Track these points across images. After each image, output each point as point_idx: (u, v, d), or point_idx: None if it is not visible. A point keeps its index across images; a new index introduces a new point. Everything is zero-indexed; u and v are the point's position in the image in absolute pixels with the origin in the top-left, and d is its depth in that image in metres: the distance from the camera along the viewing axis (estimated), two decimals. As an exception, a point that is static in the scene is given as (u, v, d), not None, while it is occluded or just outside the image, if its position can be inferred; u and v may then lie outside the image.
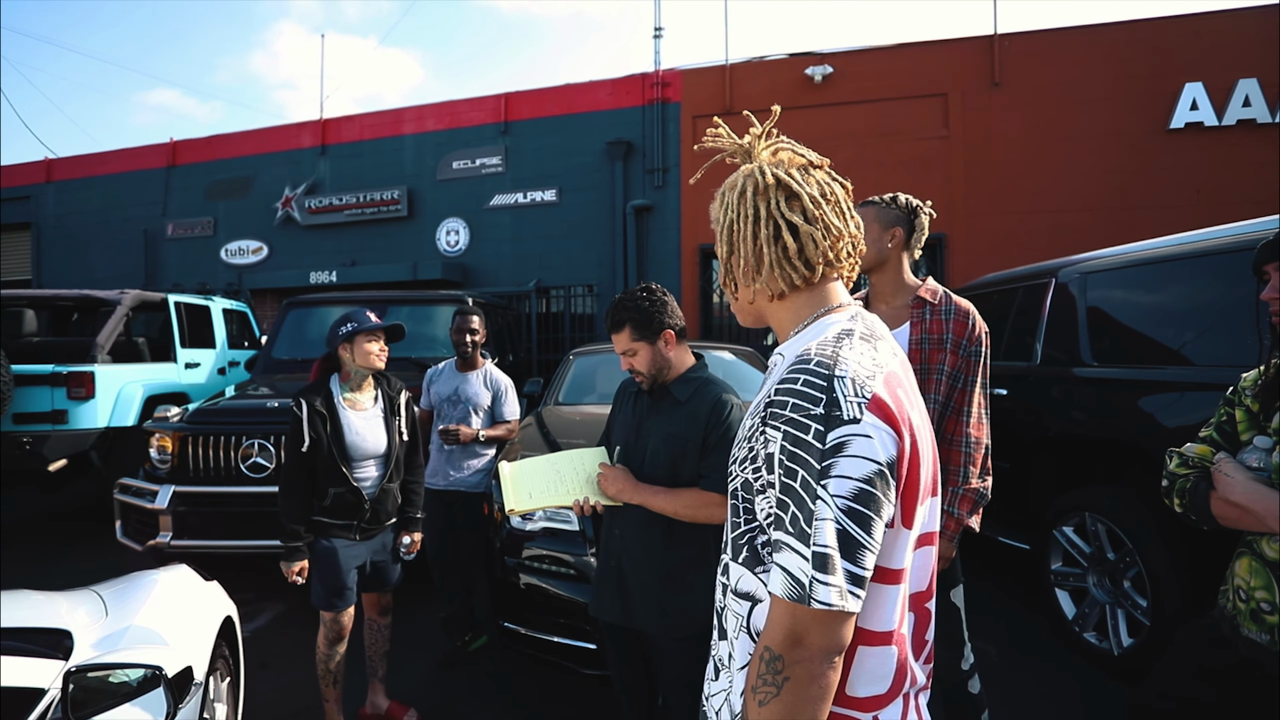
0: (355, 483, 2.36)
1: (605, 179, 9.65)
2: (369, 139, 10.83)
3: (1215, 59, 7.88)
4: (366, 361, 2.39)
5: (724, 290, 1.01)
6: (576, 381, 4.59)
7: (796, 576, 0.74)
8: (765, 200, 0.91)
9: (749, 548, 0.87)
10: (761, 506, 0.83)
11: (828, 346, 0.82)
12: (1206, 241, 2.90)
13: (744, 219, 0.92)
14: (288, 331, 5.33)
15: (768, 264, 0.91)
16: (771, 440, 0.79)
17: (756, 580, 0.85)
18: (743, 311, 1.01)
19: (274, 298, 10.85)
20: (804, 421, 0.76)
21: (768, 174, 0.92)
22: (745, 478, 0.86)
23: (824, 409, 0.75)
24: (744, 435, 0.88)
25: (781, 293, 0.93)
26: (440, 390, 3.27)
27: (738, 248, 0.93)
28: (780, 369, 0.87)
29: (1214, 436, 1.46)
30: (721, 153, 1.03)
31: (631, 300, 1.83)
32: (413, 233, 10.49)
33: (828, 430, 0.75)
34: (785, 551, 0.76)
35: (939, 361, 1.86)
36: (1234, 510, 1.31)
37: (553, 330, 9.89)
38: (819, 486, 0.74)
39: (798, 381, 0.79)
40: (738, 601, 0.88)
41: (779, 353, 0.94)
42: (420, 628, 3.47)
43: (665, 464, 1.81)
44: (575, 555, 2.62)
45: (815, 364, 0.79)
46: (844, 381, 0.77)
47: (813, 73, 8.79)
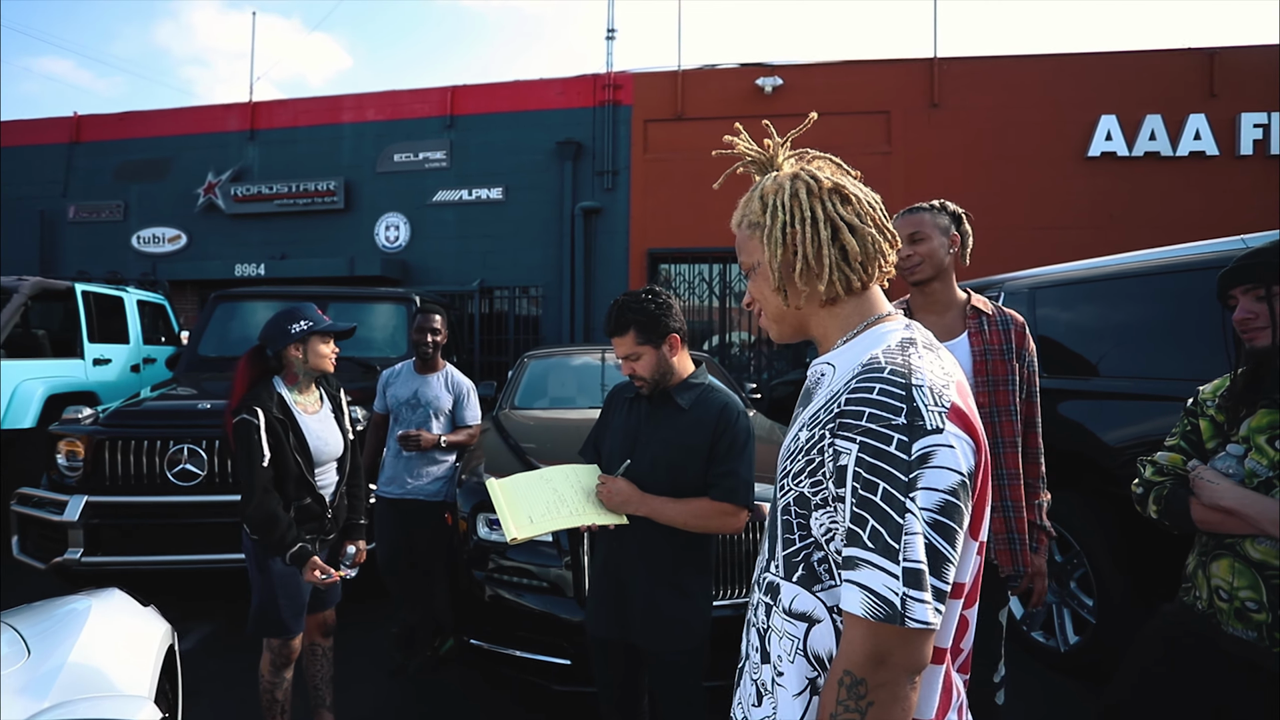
0: (319, 491, 2.18)
1: (554, 179, 9.49)
2: (303, 125, 10.27)
3: (1127, 94, 8.50)
4: (318, 364, 2.20)
5: (755, 298, 0.98)
6: (531, 385, 4.46)
7: (883, 595, 0.70)
8: (820, 202, 0.90)
9: (805, 565, 0.83)
10: (821, 522, 0.81)
11: (896, 355, 0.80)
12: (1150, 261, 3.07)
13: (801, 220, 0.89)
14: (215, 327, 4.94)
15: (828, 267, 0.88)
16: (844, 452, 0.76)
17: (815, 600, 0.81)
18: (781, 320, 0.96)
19: (194, 290, 10.12)
20: (884, 432, 0.73)
21: (821, 178, 0.91)
22: (800, 492, 0.83)
23: (906, 419, 0.73)
24: (798, 448, 0.84)
25: (834, 298, 0.90)
26: (398, 393, 3.07)
27: (796, 250, 0.89)
28: (839, 379, 0.83)
29: (1182, 445, 1.55)
30: (741, 160, 1.02)
31: (636, 303, 1.75)
32: (349, 226, 10.00)
33: (912, 441, 0.72)
34: (865, 569, 0.72)
35: (1006, 373, 1.82)
36: (1217, 515, 1.39)
37: (496, 332, 9.64)
38: (907, 499, 0.71)
39: (873, 391, 0.76)
40: (791, 622, 0.84)
41: (827, 363, 0.90)
42: (371, 645, 3.25)
43: (666, 473, 1.74)
44: (548, 567, 2.50)
45: (890, 372, 0.77)
46: (922, 390, 0.75)
47: (763, 83, 8.94)
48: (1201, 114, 8.30)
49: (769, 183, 0.94)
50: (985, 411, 1.81)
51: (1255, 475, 1.38)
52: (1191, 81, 8.41)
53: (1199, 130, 8.31)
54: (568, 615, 2.41)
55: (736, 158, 1.03)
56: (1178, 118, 8.38)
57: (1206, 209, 8.06)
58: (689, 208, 9.15)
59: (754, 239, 0.94)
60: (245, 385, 2.16)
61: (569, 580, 2.45)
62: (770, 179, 0.94)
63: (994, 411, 1.81)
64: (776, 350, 9.43)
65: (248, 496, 2.04)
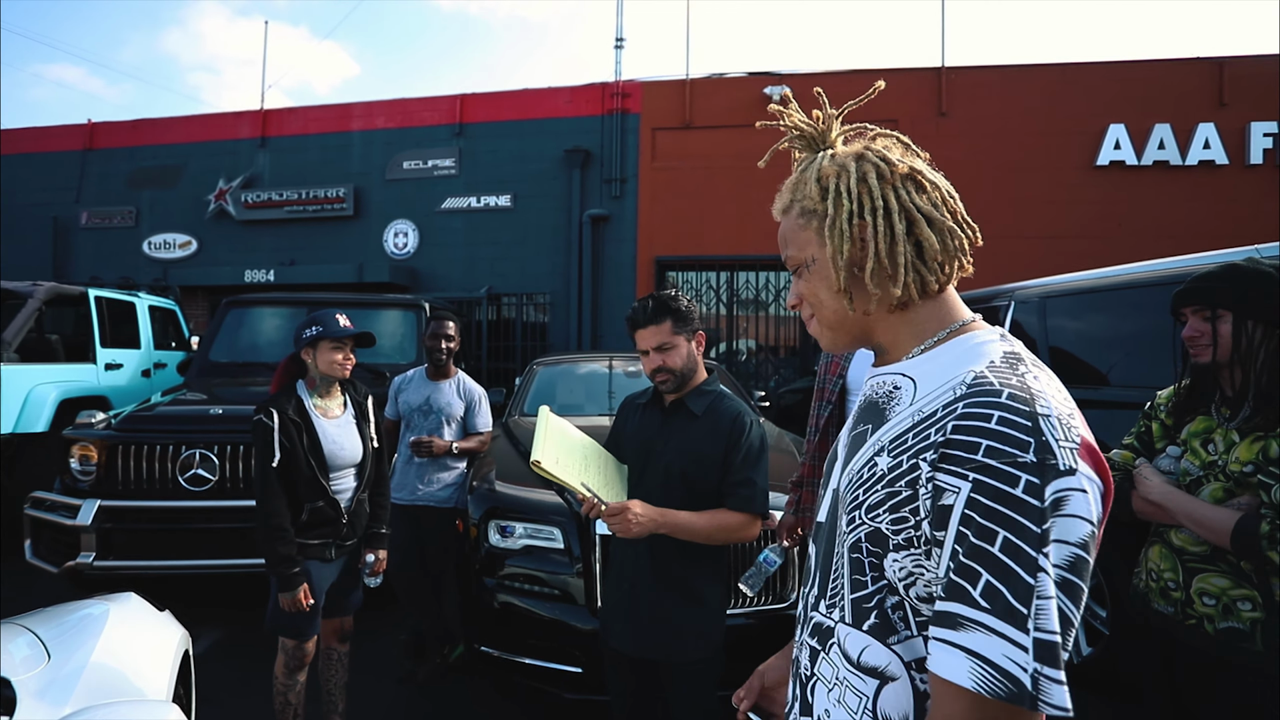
0: (334, 495, 2.19)
1: (562, 187, 9.53)
2: (313, 133, 10.35)
3: (1136, 103, 8.49)
4: (329, 370, 2.22)
5: (806, 299, 0.83)
6: (540, 392, 4.48)
7: (1004, 668, 0.58)
8: (893, 189, 0.77)
9: (879, 613, 0.71)
10: (901, 565, 0.69)
11: (1008, 375, 0.67)
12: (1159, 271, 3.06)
13: (872, 211, 0.76)
14: (226, 333, 4.97)
15: (903, 266, 0.75)
16: (949, 490, 0.63)
17: (890, 654, 0.70)
18: (839, 327, 0.82)
19: (204, 295, 10.19)
20: (1009, 472, 0.61)
21: (893, 160, 0.78)
22: (877, 528, 0.70)
23: (1035, 455, 0.61)
24: (875, 476, 0.71)
25: (907, 303, 0.77)
26: (410, 399, 3.08)
27: (868, 244, 0.76)
28: (928, 397, 0.71)
29: (1134, 444, 1.75)
30: (787, 135, 0.87)
31: (668, 296, 1.77)
32: (358, 233, 10.07)
33: (1044, 483, 0.60)
34: (976, 632, 0.60)
35: None
36: (1151, 507, 1.60)
37: (504, 338, 9.66)
38: (1039, 555, 0.59)
39: (990, 419, 0.63)
40: (859, 678, 0.72)
41: (901, 374, 0.77)
42: (380, 651, 3.25)
43: (680, 481, 1.74)
44: (559, 574, 2.50)
45: (1009, 397, 0.64)
46: (1050, 421, 0.63)
47: (771, 92, 8.97)
48: (1211, 123, 8.28)
49: (826, 163, 0.79)
50: None
51: (1188, 474, 1.58)
52: (1201, 91, 8.40)
53: (1208, 139, 8.30)
54: (579, 623, 2.41)
55: (771, 136, 0.87)
56: (1187, 127, 8.36)
57: (1216, 219, 8.03)
58: (697, 215, 9.17)
59: (808, 230, 0.80)
60: (276, 388, 2.24)
61: (580, 588, 2.45)
62: (826, 158, 0.80)
63: None
64: (783, 358, 9.42)
65: (257, 497, 2.11)
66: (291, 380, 2.26)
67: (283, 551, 2.07)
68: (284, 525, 2.08)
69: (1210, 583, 1.52)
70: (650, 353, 1.74)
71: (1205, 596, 1.52)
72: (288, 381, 2.26)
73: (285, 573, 2.06)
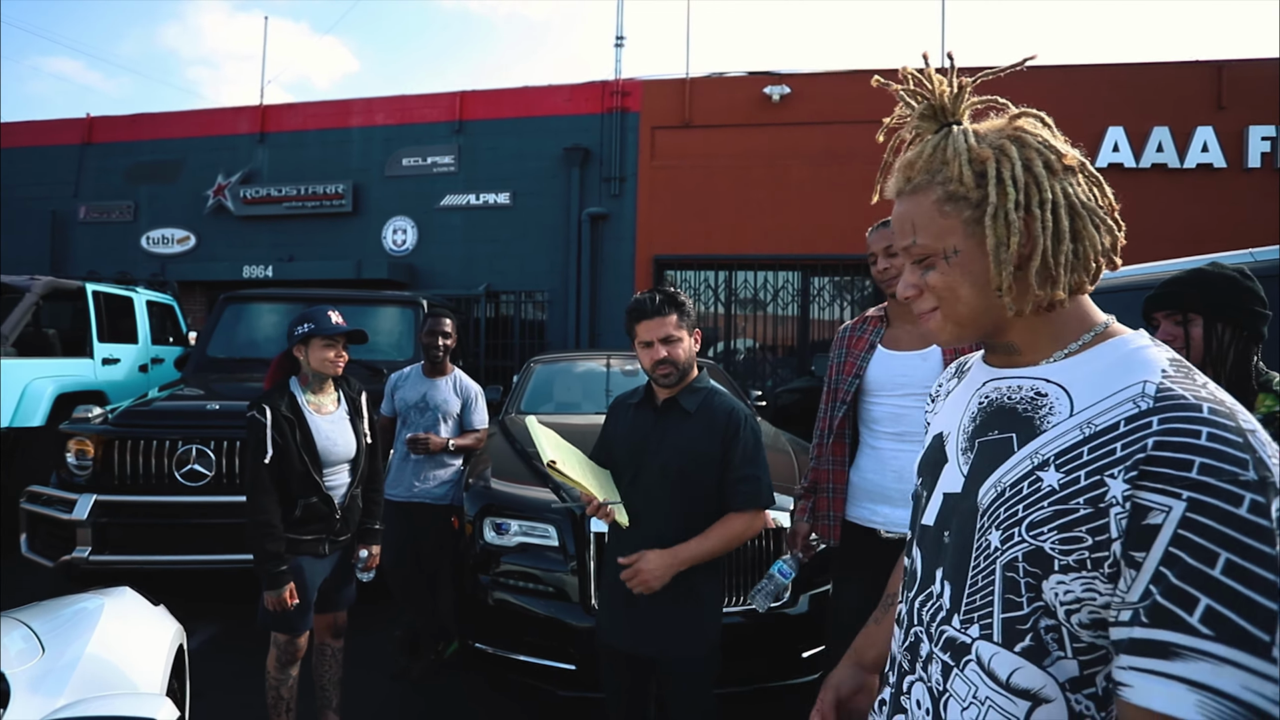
0: (327, 491, 2.20)
1: (561, 185, 9.53)
2: (312, 129, 10.33)
3: (1135, 106, 8.50)
4: (322, 367, 2.23)
5: (934, 290, 0.77)
6: (537, 390, 4.48)
7: (1250, 702, 0.54)
8: (1059, 181, 0.72)
9: (1033, 635, 0.67)
10: (1068, 588, 0.64)
11: (1193, 386, 0.64)
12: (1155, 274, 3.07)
13: (1041, 204, 0.71)
14: (224, 329, 4.97)
15: (1064, 264, 0.71)
16: (1156, 509, 0.59)
17: (1045, 676, 0.67)
18: (971, 323, 0.77)
19: (202, 291, 10.18)
20: (1230, 490, 0.57)
21: (1060, 149, 0.73)
22: (1039, 548, 0.66)
23: (1255, 473, 0.57)
24: (1040, 493, 0.67)
25: (1056, 302, 0.72)
26: (407, 396, 3.09)
27: (1036, 240, 0.71)
28: (1094, 408, 0.67)
29: None
30: (907, 114, 0.82)
31: (672, 290, 1.80)
32: (357, 229, 10.05)
33: (1268, 502, 0.56)
34: (1199, 661, 0.55)
35: None
36: None
37: (502, 336, 9.66)
38: (1277, 578, 0.55)
39: (1199, 435, 0.59)
40: (1009, 699, 0.68)
41: (1048, 380, 0.72)
42: (374, 647, 3.26)
43: (678, 480, 1.75)
44: (554, 572, 2.51)
45: (1210, 411, 0.61)
46: (1258, 437, 0.60)
47: (771, 92, 8.96)
48: (1209, 126, 8.29)
49: (974, 142, 0.73)
50: None
51: None
52: (1199, 94, 8.41)
53: (1206, 143, 8.30)
54: (573, 620, 2.42)
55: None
56: (1185, 130, 8.37)
57: (1214, 222, 8.04)
58: (696, 215, 9.17)
59: (951, 217, 0.73)
60: (269, 384, 2.25)
61: (574, 585, 2.46)
62: (970, 136, 0.74)
63: None
64: (781, 358, 9.43)
65: (247, 493, 2.11)
66: (285, 377, 2.27)
67: (270, 549, 2.07)
68: (272, 522, 2.09)
69: None
70: (655, 344, 1.75)
71: None
72: (281, 378, 2.26)
73: (271, 570, 2.07)
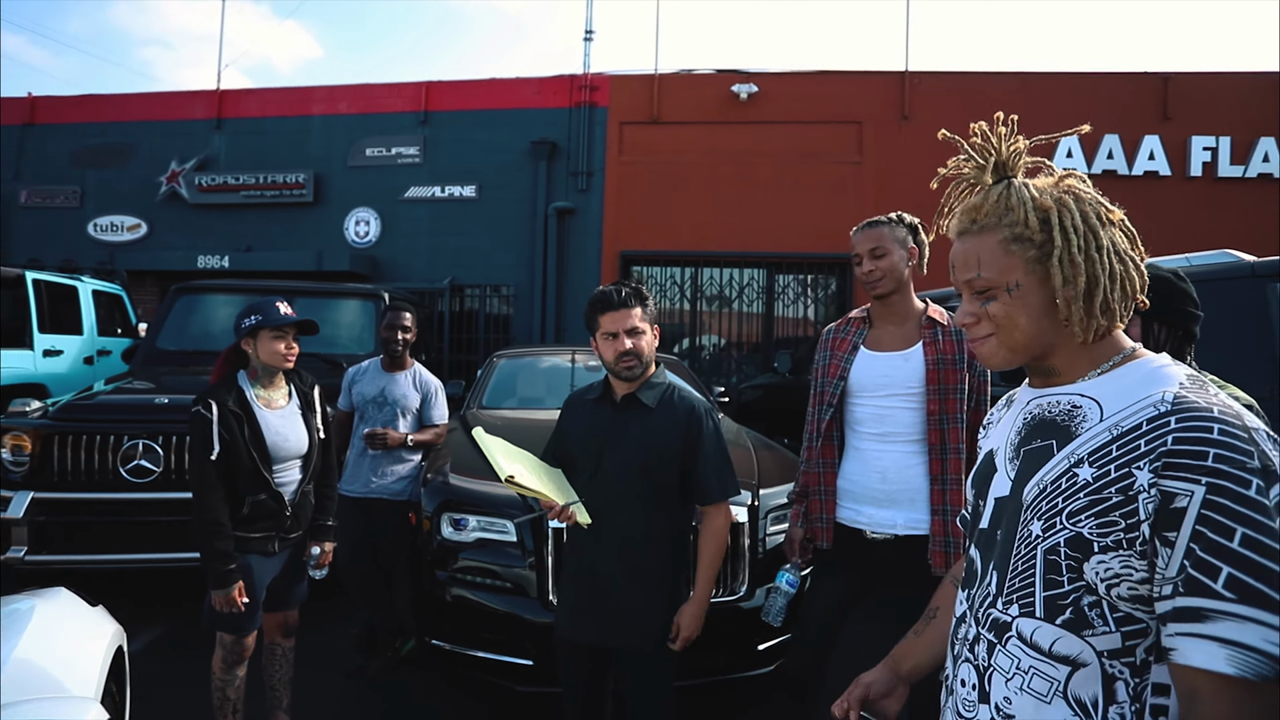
0: (277, 487, 2.14)
1: (528, 179, 9.45)
2: (272, 116, 10.05)
3: (1088, 114, 8.76)
4: (272, 360, 2.15)
5: (993, 319, 0.88)
6: (500, 385, 4.44)
7: (1269, 651, 0.65)
8: (1107, 231, 0.86)
9: (1074, 610, 0.78)
10: (1108, 566, 0.75)
11: (1205, 395, 0.76)
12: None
13: (1102, 249, 0.84)
14: (176, 320, 4.81)
15: (1118, 298, 0.84)
16: (1180, 494, 0.70)
17: (1083, 644, 0.78)
18: (1027, 349, 0.88)
19: (154, 281, 9.82)
20: (1241, 475, 0.68)
21: (1109, 206, 0.88)
22: (1079, 533, 0.77)
23: (1260, 462, 0.69)
24: (1077, 485, 0.78)
25: (1104, 330, 0.85)
26: (365, 391, 3.03)
27: (1099, 280, 0.84)
28: (1120, 415, 0.79)
29: None
30: (961, 170, 0.95)
31: (632, 284, 1.83)
32: (318, 220, 9.82)
33: (1269, 485, 0.69)
34: (1225, 621, 0.67)
35: (956, 382, 1.87)
36: None
37: (466, 330, 9.55)
38: None
39: (1211, 431, 0.71)
40: (1050, 665, 0.79)
41: (1082, 395, 0.85)
42: (329, 645, 3.19)
43: (640, 475, 1.77)
44: (512, 567, 2.49)
45: (1219, 414, 0.72)
46: (1260, 434, 0.72)
47: (739, 90, 9.02)
48: (1156, 135, 8.62)
49: (1036, 194, 0.86)
50: (935, 419, 1.86)
51: None
52: (1147, 104, 8.73)
53: (1153, 151, 8.63)
54: (531, 616, 2.41)
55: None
56: (1134, 138, 8.68)
57: (1158, 227, 8.32)
58: (663, 211, 9.19)
59: (1014, 256, 0.85)
60: (216, 378, 2.17)
61: (532, 581, 2.45)
62: (1032, 189, 0.87)
63: (943, 418, 1.86)
64: (746, 355, 9.52)
65: (193, 490, 2.04)
66: (232, 371, 2.20)
67: (218, 547, 2.01)
68: (219, 520, 2.03)
69: None
70: (620, 335, 1.75)
71: None
72: (228, 372, 2.19)
73: (219, 569, 2.01)
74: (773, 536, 2.64)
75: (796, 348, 7.59)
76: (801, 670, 2.08)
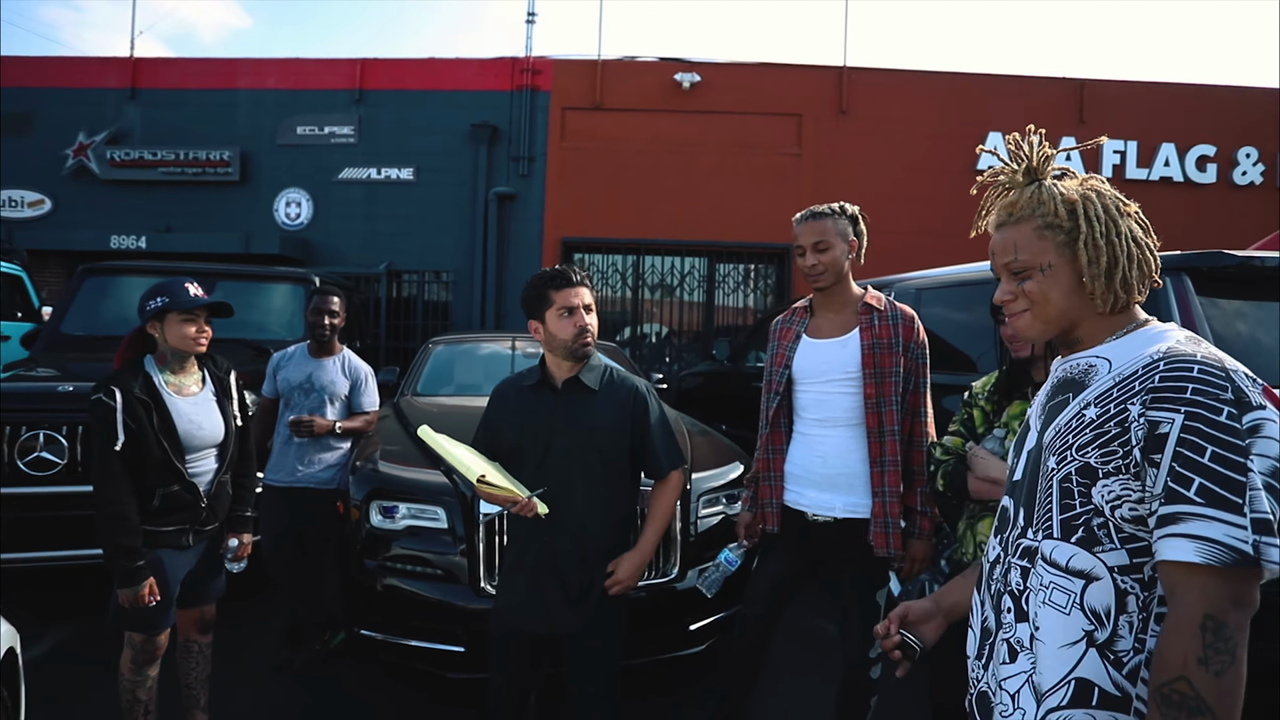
0: (190, 478, 2.04)
1: (467, 162, 9.26)
2: (194, 88, 9.49)
3: (1012, 114, 9.19)
4: (181, 344, 2.05)
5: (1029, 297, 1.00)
6: (436, 372, 4.37)
7: (1228, 543, 0.77)
8: (1127, 220, 0.98)
9: (1085, 529, 0.90)
10: (1110, 489, 0.88)
11: (1195, 347, 0.88)
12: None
13: (1121, 235, 0.97)
14: (83, 303, 4.52)
15: (1136, 275, 0.97)
16: (1163, 422, 0.83)
17: (1094, 559, 0.89)
18: (1058, 322, 1.00)
19: (60, 261, 9.18)
20: (1214, 404, 0.81)
21: (1126, 200, 1.00)
22: (1086, 462, 0.90)
23: (1233, 394, 0.81)
24: (1084, 424, 0.91)
25: (1123, 303, 0.98)
26: (290, 377, 2.93)
27: (1119, 259, 0.96)
28: (1124, 365, 0.92)
29: (961, 431, 1.94)
30: (1001, 173, 1.07)
31: (579, 267, 1.87)
32: (245, 200, 9.36)
33: (1242, 413, 0.81)
34: (1195, 522, 0.79)
35: (892, 365, 1.92)
36: (987, 485, 1.76)
37: (404, 317, 9.32)
38: (1245, 460, 0.79)
39: (1191, 370, 0.83)
40: (1067, 579, 0.91)
41: (1096, 355, 0.98)
42: (253, 639, 3.09)
43: (596, 456, 1.79)
44: (445, 554, 2.47)
45: (1202, 358, 0.85)
46: (1238, 374, 0.84)
47: (681, 79, 9.05)
48: (1072, 138, 9.11)
49: (1067, 191, 0.99)
50: (873, 402, 1.92)
51: (1009, 451, 1.78)
52: (1064, 108, 9.22)
53: (1070, 153, 9.12)
54: (463, 602, 2.41)
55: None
56: (1053, 139, 9.06)
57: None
58: (605, 198, 9.16)
59: (1046, 240, 0.98)
60: (119, 363, 2.05)
61: (464, 567, 2.43)
62: (1060, 186, 0.99)
63: (879, 401, 1.92)
64: (687, 343, 9.62)
65: (95, 483, 1.93)
66: (137, 356, 2.07)
67: (124, 543, 1.91)
68: (125, 514, 1.92)
69: None
70: (579, 311, 1.78)
71: None
72: (132, 357, 2.06)
73: (126, 566, 1.91)
74: (705, 520, 2.70)
75: (736, 336, 7.72)
76: (746, 645, 2.12)
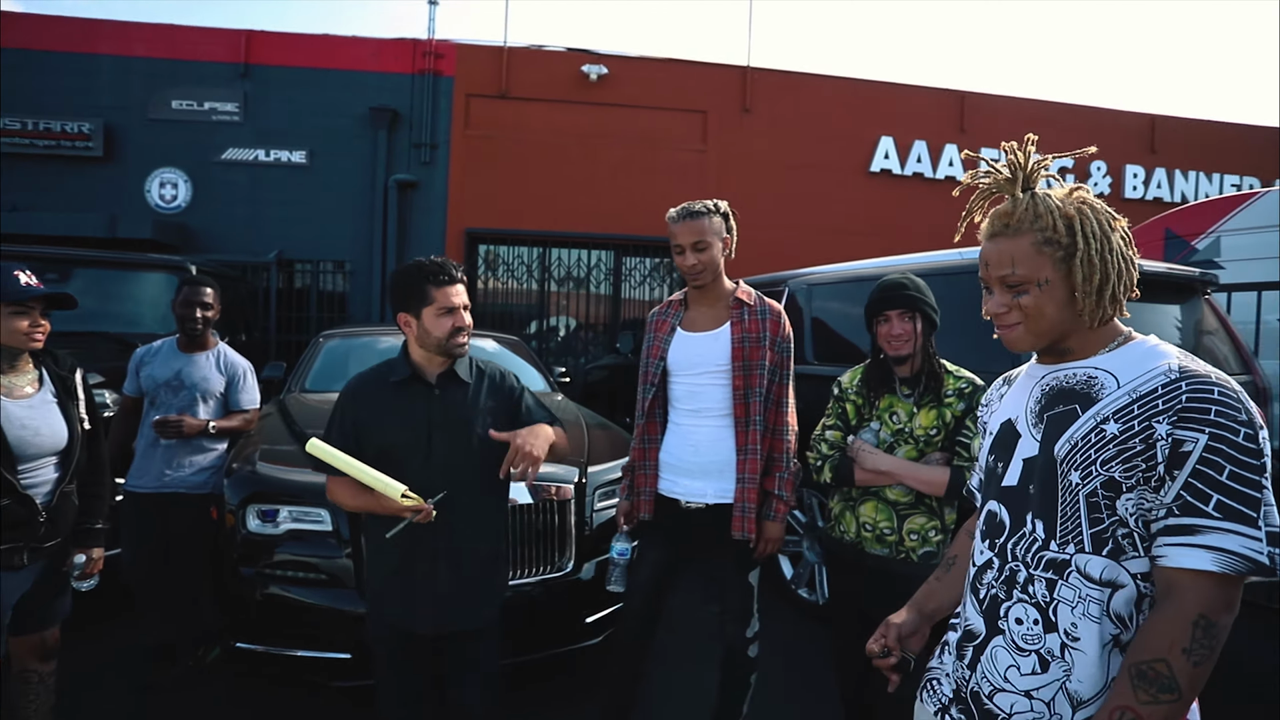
0: (24, 490, 1.85)
1: (366, 147, 8.84)
2: (47, 50, 8.51)
3: (902, 120, 9.78)
4: (13, 341, 1.86)
5: (1023, 309, 1.03)
6: (327, 367, 4.17)
7: (1244, 554, 0.86)
8: (1117, 236, 1.01)
9: (1113, 541, 0.96)
10: (1134, 501, 0.94)
11: (1199, 366, 0.96)
12: (904, 266, 3.59)
13: (1112, 251, 1.00)
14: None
15: (1123, 290, 1.01)
16: (1188, 440, 0.90)
17: (1120, 568, 0.95)
18: (1049, 334, 1.04)
19: (-122, 243, 8.03)
20: (1234, 425, 0.89)
21: (1116, 216, 1.02)
22: (1111, 476, 0.95)
23: (1247, 415, 0.90)
24: (1105, 439, 0.95)
25: (1109, 318, 1.02)
26: (156, 374, 2.72)
27: (1109, 276, 1.00)
28: (1135, 382, 0.97)
29: (839, 424, 2.12)
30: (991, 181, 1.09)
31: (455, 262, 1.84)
32: (111, 179, 8.51)
33: (1255, 433, 0.89)
34: (1214, 534, 0.87)
35: (760, 358, 2.01)
36: (871, 475, 1.99)
37: (296, 309, 8.81)
38: (1261, 479, 0.88)
39: (1213, 392, 0.91)
40: (1099, 590, 0.96)
41: (1096, 368, 1.02)
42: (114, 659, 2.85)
43: (475, 450, 1.79)
44: (331, 558, 2.38)
45: (1217, 379, 0.93)
46: (1243, 395, 0.92)
47: (589, 70, 9.01)
48: (954, 144, 9.79)
49: (1064, 206, 1.00)
50: (740, 393, 2.02)
51: (885, 441, 2.02)
52: (947, 117, 9.89)
53: (953, 159, 9.81)
54: (350, 607, 2.32)
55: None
56: (938, 145, 9.81)
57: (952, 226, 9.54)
58: (512, 188, 9.00)
59: (1043, 255, 1.00)
60: None
61: (349, 570, 2.35)
62: (1055, 200, 1.01)
63: (747, 392, 2.02)
64: (595, 336, 9.64)
65: None
66: None
67: None
68: None
69: (915, 522, 2.00)
70: (458, 310, 1.77)
71: (911, 534, 2.00)
72: None
73: None
74: (600, 513, 2.73)
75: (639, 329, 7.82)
76: (630, 635, 2.17)
